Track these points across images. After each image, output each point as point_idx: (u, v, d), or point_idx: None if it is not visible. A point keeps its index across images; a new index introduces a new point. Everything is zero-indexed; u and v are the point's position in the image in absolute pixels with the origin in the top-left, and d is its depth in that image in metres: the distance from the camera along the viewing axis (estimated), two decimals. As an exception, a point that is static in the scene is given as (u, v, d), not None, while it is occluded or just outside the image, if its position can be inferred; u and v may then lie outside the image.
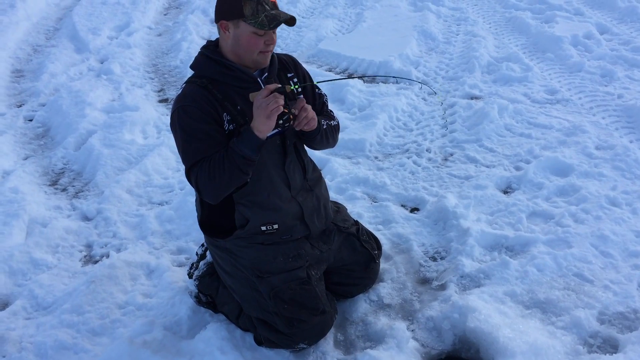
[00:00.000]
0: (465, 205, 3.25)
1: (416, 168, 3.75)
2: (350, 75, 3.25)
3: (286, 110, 2.13)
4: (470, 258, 2.88)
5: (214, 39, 2.33)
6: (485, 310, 2.47)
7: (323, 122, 2.39)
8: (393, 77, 2.85)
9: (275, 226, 2.36)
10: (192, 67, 2.30)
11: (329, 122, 2.45)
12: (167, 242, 3.25)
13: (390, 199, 3.47)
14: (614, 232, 2.94)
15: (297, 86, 2.24)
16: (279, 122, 2.12)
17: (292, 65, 2.45)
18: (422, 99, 4.75)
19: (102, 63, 5.92)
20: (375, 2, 7.17)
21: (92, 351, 2.51)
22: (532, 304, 2.58)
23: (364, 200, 3.48)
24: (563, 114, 4.27)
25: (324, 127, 2.39)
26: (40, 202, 3.67)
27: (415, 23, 6.31)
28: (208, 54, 2.25)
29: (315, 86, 2.51)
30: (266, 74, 2.30)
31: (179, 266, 3.03)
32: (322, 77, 4.96)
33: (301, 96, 2.36)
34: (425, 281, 2.85)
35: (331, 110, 2.59)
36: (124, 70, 5.70)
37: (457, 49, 5.65)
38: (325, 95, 2.56)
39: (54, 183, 4.01)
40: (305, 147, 2.49)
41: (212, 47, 2.28)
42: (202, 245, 2.79)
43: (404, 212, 3.33)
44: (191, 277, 2.72)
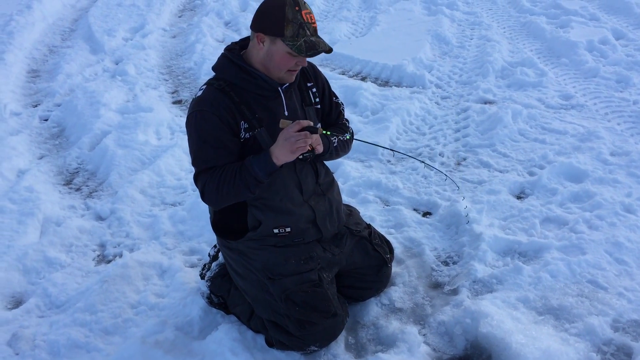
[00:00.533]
0: (478, 210, 3.23)
1: (429, 172, 3.74)
2: (376, 144, 3.31)
3: (310, 149, 2.16)
4: (483, 263, 2.87)
5: (230, 42, 2.32)
6: (498, 315, 2.45)
7: (334, 140, 2.38)
8: (422, 161, 2.89)
9: (288, 229, 2.37)
10: (214, 68, 2.29)
11: (340, 137, 2.42)
12: (179, 242, 3.26)
13: (403, 202, 3.46)
14: (628, 239, 2.91)
15: (328, 133, 2.25)
16: (299, 157, 2.17)
17: (312, 74, 2.44)
18: (435, 103, 4.73)
19: (117, 64, 5.97)
20: (389, 5, 7.16)
21: (104, 350, 2.53)
22: (545, 310, 2.56)
23: (376, 203, 3.47)
24: (578, 119, 4.23)
25: (334, 145, 2.40)
26: (55, 202, 3.72)
27: (429, 27, 6.30)
28: (232, 57, 2.23)
29: (332, 94, 2.51)
30: (287, 84, 2.29)
31: (191, 267, 3.04)
32: (335, 80, 4.97)
33: (319, 125, 2.36)
34: (437, 285, 2.84)
35: (347, 120, 2.59)
36: (138, 72, 5.75)
37: (471, 54, 5.63)
38: (342, 104, 2.56)
39: (68, 182, 4.04)
40: None
41: (236, 51, 2.26)
42: (215, 246, 2.81)
43: (416, 216, 3.32)
44: (203, 278, 2.74)
